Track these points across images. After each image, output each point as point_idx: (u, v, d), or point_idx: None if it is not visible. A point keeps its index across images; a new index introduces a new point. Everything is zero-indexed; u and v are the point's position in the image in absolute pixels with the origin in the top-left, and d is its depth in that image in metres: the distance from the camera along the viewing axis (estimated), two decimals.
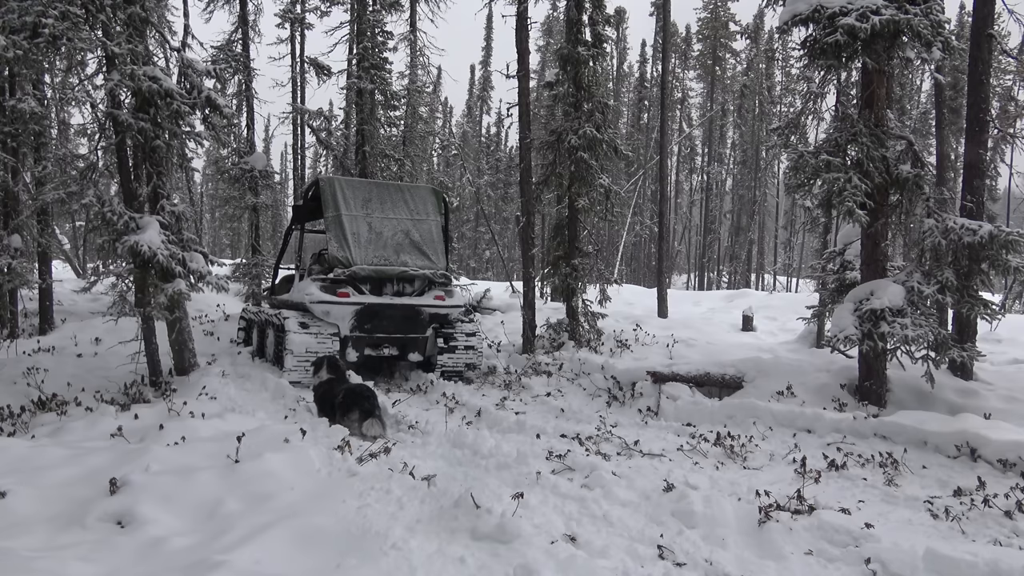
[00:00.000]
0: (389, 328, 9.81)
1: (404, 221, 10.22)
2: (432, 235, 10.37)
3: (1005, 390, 8.33)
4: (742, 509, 4.93)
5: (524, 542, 4.14)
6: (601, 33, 13.04)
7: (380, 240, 9.93)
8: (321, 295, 9.44)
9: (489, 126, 48.02)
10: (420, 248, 10.14)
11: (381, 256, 9.82)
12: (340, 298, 9.45)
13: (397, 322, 9.80)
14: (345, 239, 9.70)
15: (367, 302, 9.56)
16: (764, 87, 41.87)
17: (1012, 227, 8.11)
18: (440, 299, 10.00)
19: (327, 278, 9.62)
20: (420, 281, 10.04)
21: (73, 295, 15.44)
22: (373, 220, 10.00)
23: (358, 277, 9.59)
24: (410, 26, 18.46)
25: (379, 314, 9.66)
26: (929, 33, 7.49)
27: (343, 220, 9.77)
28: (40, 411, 8.24)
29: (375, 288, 9.78)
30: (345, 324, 9.57)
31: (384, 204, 10.18)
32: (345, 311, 9.51)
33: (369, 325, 9.67)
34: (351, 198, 9.97)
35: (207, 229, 47.81)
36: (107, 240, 8.79)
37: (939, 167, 11.17)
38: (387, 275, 9.80)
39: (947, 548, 4.15)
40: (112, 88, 8.86)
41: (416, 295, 9.98)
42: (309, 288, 9.58)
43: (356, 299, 9.53)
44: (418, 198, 10.55)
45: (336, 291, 9.48)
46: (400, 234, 10.10)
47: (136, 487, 4.72)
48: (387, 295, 9.79)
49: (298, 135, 21.25)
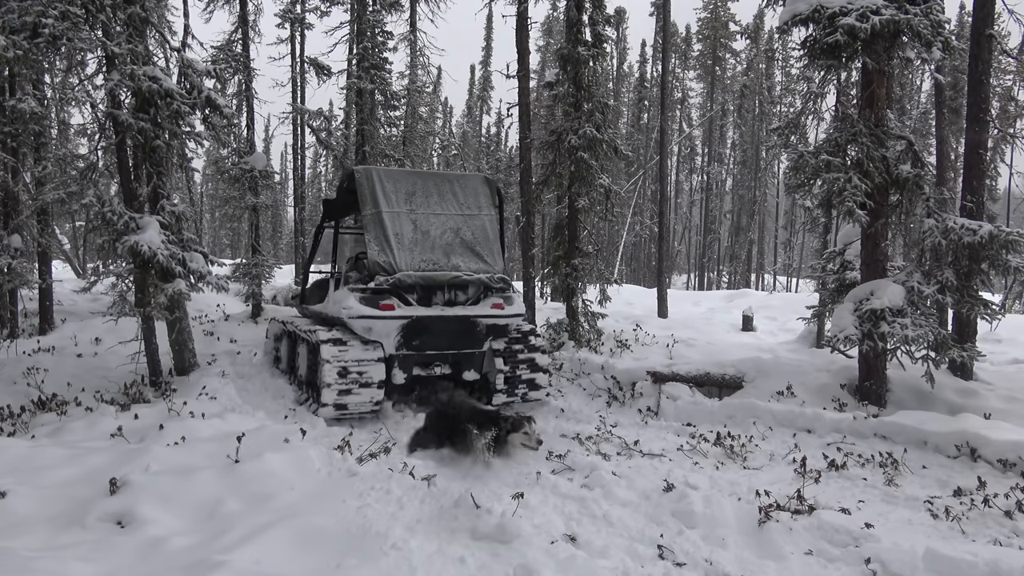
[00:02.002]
0: (441, 344, 8.35)
1: (454, 217, 8.75)
2: (486, 232, 8.89)
3: (1005, 390, 8.33)
4: (742, 509, 4.93)
5: (524, 542, 4.14)
6: (601, 33, 13.04)
7: (427, 240, 8.50)
8: (361, 308, 7.97)
9: (489, 126, 48.03)
10: (473, 248, 8.71)
11: (429, 260, 8.40)
12: (384, 311, 7.99)
13: (450, 337, 8.36)
14: (387, 241, 8.27)
15: (415, 315, 8.08)
16: (764, 87, 41.86)
17: (1012, 227, 8.11)
18: (499, 307, 8.52)
19: (367, 288, 8.13)
20: (474, 287, 8.54)
21: (73, 295, 15.44)
22: (418, 217, 8.55)
23: (403, 285, 8.13)
24: (410, 26, 18.46)
25: (429, 328, 8.20)
26: (929, 33, 7.49)
27: (384, 218, 8.33)
28: (40, 411, 8.24)
29: (423, 297, 8.32)
30: (390, 341, 8.10)
31: (430, 198, 8.72)
32: (390, 326, 8.05)
33: (418, 341, 8.20)
34: (392, 192, 8.52)
35: (207, 229, 47.84)
36: (107, 240, 8.79)
37: (939, 167, 11.17)
38: (437, 282, 8.32)
39: (947, 548, 4.16)
40: (112, 88, 8.86)
41: (471, 304, 8.51)
42: (347, 300, 8.10)
43: (402, 312, 8.05)
44: (469, 189, 9.03)
45: (378, 303, 8.00)
46: (450, 233, 8.66)
47: (136, 487, 4.73)
48: (437, 305, 8.34)
49: (298, 135, 21.24)
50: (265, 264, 15.23)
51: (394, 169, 9.05)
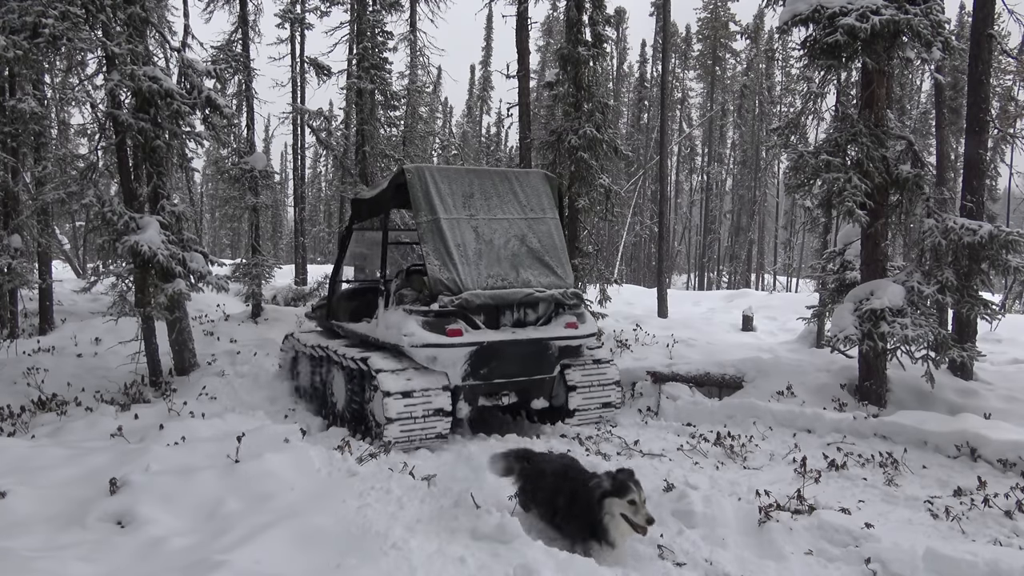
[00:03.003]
0: (511, 370, 7.30)
1: (517, 222, 7.64)
2: (553, 239, 7.81)
3: (1005, 390, 8.33)
4: (742, 509, 4.93)
5: (524, 542, 4.14)
6: (601, 33, 13.04)
7: (491, 251, 7.36)
8: (425, 336, 6.81)
9: (489, 126, 48.04)
10: (541, 259, 7.59)
11: (497, 275, 7.27)
12: (451, 338, 6.88)
13: (520, 362, 7.31)
14: (448, 254, 7.10)
15: (485, 341, 6.99)
16: (764, 87, 41.86)
17: (1012, 227, 8.11)
18: (573, 327, 7.47)
19: (429, 310, 6.99)
20: (545, 305, 7.51)
21: (73, 295, 15.44)
22: (479, 223, 7.42)
23: (471, 307, 7.02)
24: (410, 26, 18.46)
25: (499, 354, 7.12)
26: (929, 33, 7.49)
27: (443, 227, 7.17)
28: (40, 411, 8.25)
29: (490, 318, 7.25)
30: (456, 371, 7.02)
31: (490, 200, 7.58)
32: (457, 355, 6.94)
33: (486, 369, 7.14)
34: (448, 195, 7.37)
35: (207, 229, 47.85)
36: (107, 240, 8.80)
37: (939, 167, 11.17)
38: (508, 301, 7.24)
39: (947, 548, 4.16)
40: (112, 88, 8.87)
41: (542, 323, 7.51)
42: (406, 325, 6.90)
43: (471, 338, 6.96)
44: (529, 188, 7.91)
45: (445, 328, 6.88)
46: (515, 241, 7.53)
47: (136, 487, 4.73)
48: (506, 327, 7.30)
49: (298, 135, 21.25)
50: (265, 264, 15.22)
51: (448, 167, 7.89)
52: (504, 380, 7.32)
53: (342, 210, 22.04)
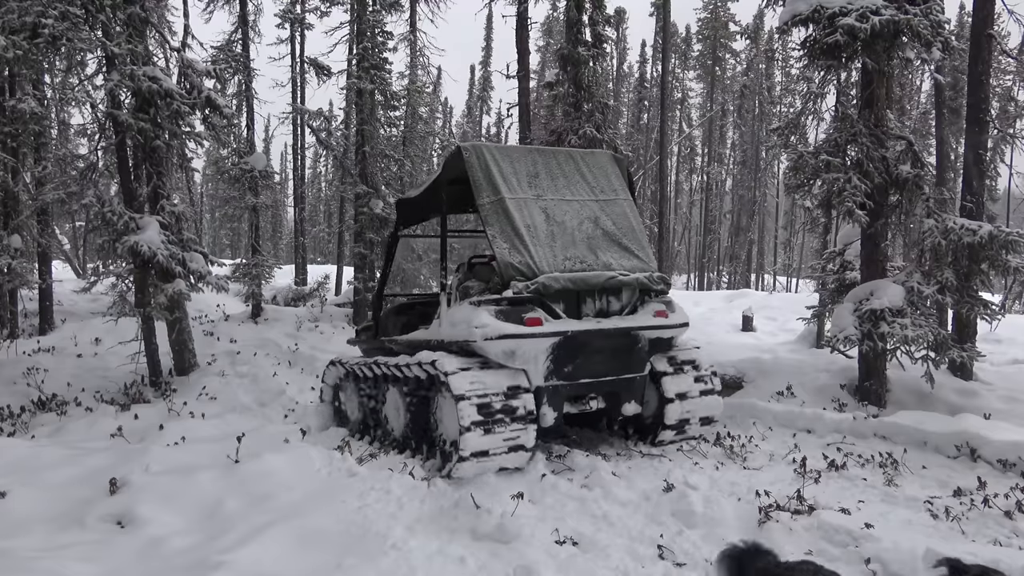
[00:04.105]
0: (598, 368, 6.24)
1: (588, 204, 6.87)
2: (629, 221, 6.96)
3: (1005, 390, 8.33)
4: (742, 509, 4.94)
5: (524, 542, 4.14)
6: (601, 33, 13.05)
7: (565, 233, 6.53)
8: (500, 326, 5.79)
9: (489, 126, 48.05)
10: (619, 241, 6.76)
11: (574, 256, 6.42)
12: (530, 327, 5.87)
13: (609, 358, 6.28)
14: (518, 235, 6.25)
15: (569, 330, 6.00)
16: (764, 87, 41.87)
17: (1012, 227, 8.12)
18: (662, 316, 6.52)
19: (502, 298, 6.01)
20: (629, 291, 6.56)
21: (73, 295, 15.44)
22: (548, 204, 6.63)
23: (549, 292, 6.09)
24: (410, 26, 18.46)
25: (585, 348, 6.12)
26: (929, 33, 7.49)
27: (508, 207, 6.35)
28: (40, 411, 8.25)
29: (569, 306, 6.29)
30: (538, 368, 5.96)
31: (557, 180, 6.84)
32: (538, 348, 5.92)
33: (571, 367, 6.10)
34: (511, 174, 6.60)
35: (207, 229, 47.84)
36: (107, 240, 8.81)
37: (939, 167, 11.17)
38: (590, 285, 6.30)
39: (947, 548, 4.15)
40: (112, 88, 8.87)
41: (627, 312, 6.53)
42: (476, 316, 5.92)
43: (553, 327, 5.97)
44: (597, 168, 7.17)
45: (522, 317, 5.90)
46: (588, 223, 6.73)
47: (136, 487, 4.73)
48: (588, 316, 6.31)
49: (298, 135, 21.25)
50: (265, 264, 15.23)
51: (509, 146, 7.10)
52: (591, 380, 6.27)
53: (342, 210, 22.03)
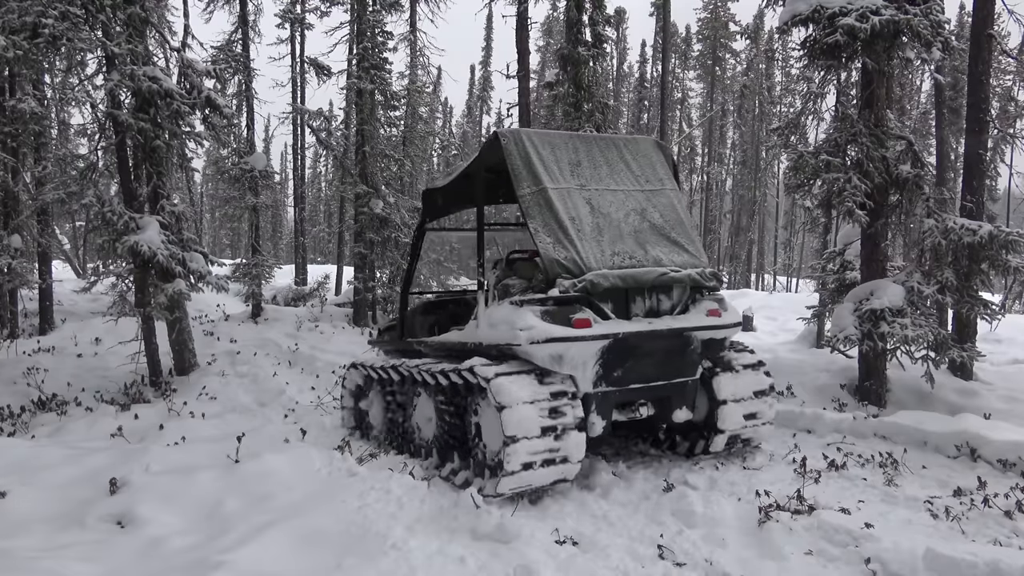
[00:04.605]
0: (649, 372, 5.79)
1: (634, 195, 6.34)
2: (677, 213, 6.46)
3: (1005, 390, 8.33)
4: (742, 509, 4.94)
5: (524, 542, 4.14)
6: (601, 33, 13.06)
7: (611, 226, 6.01)
8: (546, 327, 5.31)
9: (489, 126, 48.05)
10: (667, 235, 6.25)
11: (623, 251, 5.90)
12: (579, 329, 5.38)
13: (660, 361, 5.83)
14: (562, 228, 5.74)
15: (620, 332, 5.50)
16: (764, 87, 41.88)
17: (1012, 227, 8.12)
18: (715, 315, 6.05)
19: (547, 298, 5.54)
20: (680, 288, 6.10)
21: (73, 295, 15.45)
22: (592, 195, 6.11)
23: (597, 291, 5.59)
24: (410, 26, 18.47)
25: (636, 350, 5.65)
26: (929, 33, 7.49)
27: (551, 197, 5.82)
28: (40, 411, 8.26)
29: (618, 306, 5.79)
30: (586, 374, 5.48)
31: (599, 169, 6.33)
32: (587, 352, 5.43)
33: (621, 371, 5.63)
34: (552, 162, 6.07)
35: (207, 229, 47.84)
36: (107, 240, 8.81)
37: (939, 167, 11.18)
38: (641, 282, 5.81)
39: (947, 548, 4.15)
40: (112, 88, 8.87)
41: (679, 312, 6.06)
42: (519, 317, 5.42)
43: (603, 329, 5.47)
44: (641, 156, 6.64)
45: (570, 318, 5.41)
46: (634, 215, 6.22)
47: (136, 487, 4.73)
48: (638, 316, 5.84)
49: (298, 135, 21.26)
50: (265, 264, 15.24)
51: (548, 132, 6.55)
52: (642, 385, 5.80)
53: (342, 210, 22.03)
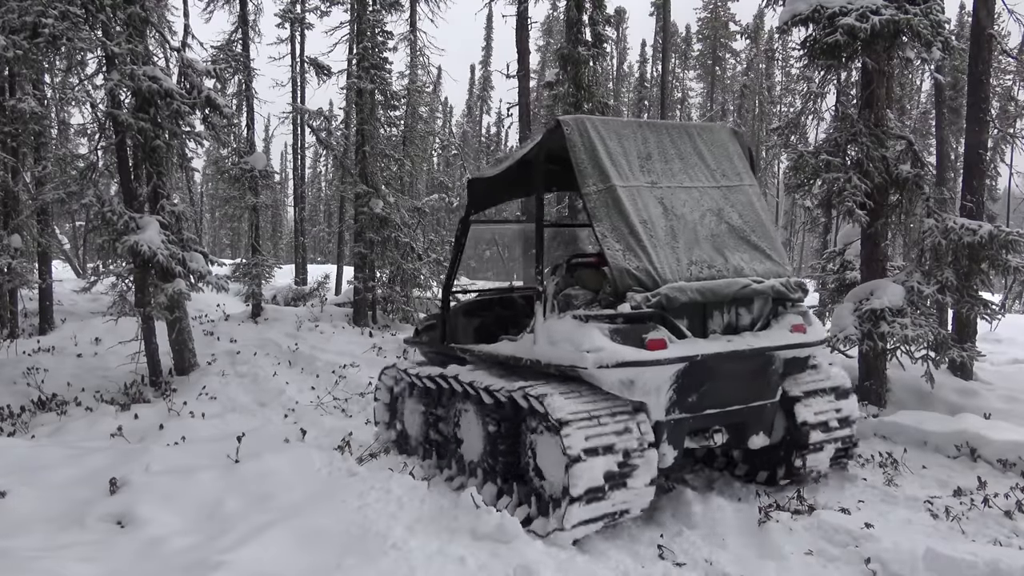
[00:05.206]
0: (726, 396, 5.14)
1: (709, 192, 5.61)
2: (757, 212, 5.72)
3: (1005, 390, 8.33)
4: (742, 509, 4.94)
5: (524, 542, 4.14)
6: (601, 33, 13.07)
7: (686, 230, 5.31)
8: (617, 349, 4.69)
9: (489, 126, 48.07)
10: (747, 238, 5.55)
11: (701, 260, 5.22)
12: (653, 352, 4.75)
13: (739, 384, 5.18)
14: (634, 234, 5.04)
15: (699, 354, 4.85)
16: (764, 87, 41.88)
17: (1012, 227, 8.12)
18: (800, 331, 5.37)
19: (616, 314, 4.88)
20: (761, 301, 5.41)
21: (73, 295, 15.45)
22: (664, 193, 5.39)
23: (673, 306, 4.94)
24: (410, 26, 18.47)
25: (713, 373, 4.99)
26: (929, 33, 7.49)
27: (620, 197, 5.13)
28: (40, 411, 8.26)
29: (694, 322, 5.13)
30: (659, 400, 4.85)
31: (671, 163, 5.55)
32: (662, 376, 4.80)
33: (696, 396, 4.98)
34: (620, 155, 5.34)
35: (207, 229, 47.84)
36: (107, 240, 8.81)
37: (939, 167, 11.18)
38: (722, 296, 5.14)
39: (947, 548, 4.15)
40: (112, 88, 8.87)
41: (760, 327, 5.38)
42: (585, 335, 4.79)
43: (680, 350, 4.82)
44: (716, 147, 5.89)
45: (643, 338, 4.78)
46: (711, 216, 5.50)
47: (136, 487, 4.73)
48: (715, 333, 5.17)
49: (298, 135, 21.27)
50: (265, 264, 15.24)
51: (615, 120, 5.78)
52: (718, 410, 5.15)
53: (342, 210, 22.03)
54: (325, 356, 11.01)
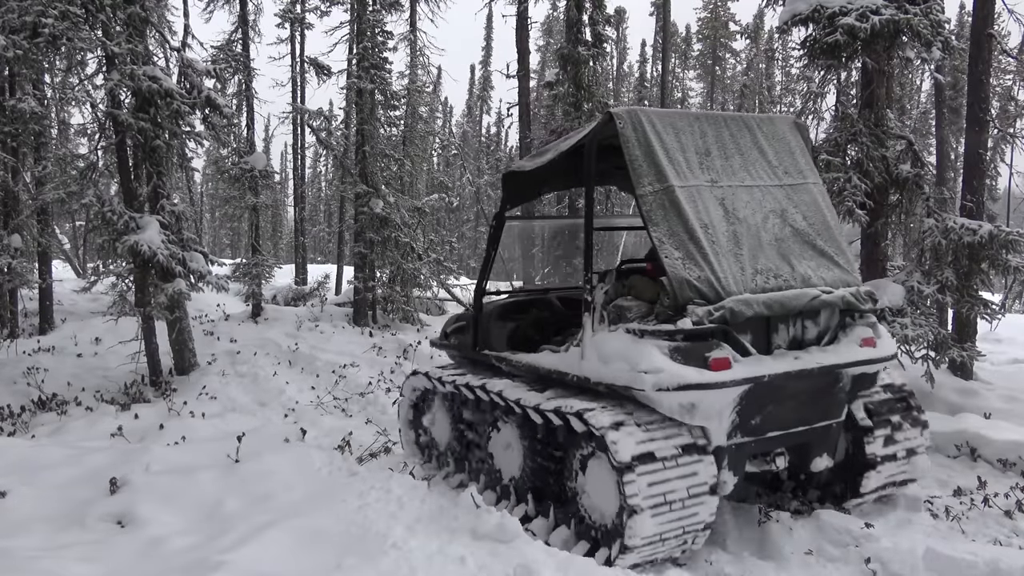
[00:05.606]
0: (790, 417, 4.72)
1: (772, 191, 5.10)
2: (823, 214, 5.22)
3: (1005, 390, 8.32)
4: (741, 509, 4.94)
5: (524, 541, 4.14)
6: (601, 33, 13.08)
7: (750, 234, 4.84)
8: (678, 370, 4.28)
9: (489, 126, 48.07)
10: (813, 243, 5.06)
11: (767, 269, 4.75)
12: (717, 373, 4.33)
13: (803, 404, 4.75)
14: (694, 239, 4.60)
15: (766, 375, 4.43)
16: (764, 87, 41.89)
17: (1012, 227, 8.12)
18: (870, 344, 4.90)
19: (676, 330, 4.43)
20: (829, 313, 4.96)
21: (73, 295, 15.44)
22: (726, 194, 4.92)
23: (737, 321, 4.48)
24: (410, 26, 18.46)
25: (778, 393, 4.57)
26: (929, 33, 7.50)
27: (679, 199, 4.66)
28: (40, 411, 8.26)
29: (758, 336, 4.69)
30: (721, 424, 4.43)
31: (731, 159, 5.06)
32: (725, 399, 4.37)
33: (759, 418, 4.57)
34: (678, 151, 4.86)
35: (207, 229, 47.84)
36: (107, 240, 8.82)
37: (939, 167, 11.19)
38: (790, 309, 4.69)
39: (947, 548, 4.16)
40: (112, 88, 8.87)
41: (828, 341, 4.92)
42: (641, 353, 4.40)
43: (745, 370, 4.41)
44: (777, 141, 5.33)
45: (706, 358, 4.35)
46: (774, 218, 5.01)
47: (136, 487, 4.73)
48: (780, 348, 4.73)
49: (298, 135, 21.26)
50: (265, 264, 15.23)
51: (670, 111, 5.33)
52: (781, 432, 4.72)
53: (342, 210, 22.03)
54: (325, 356, 11.01)
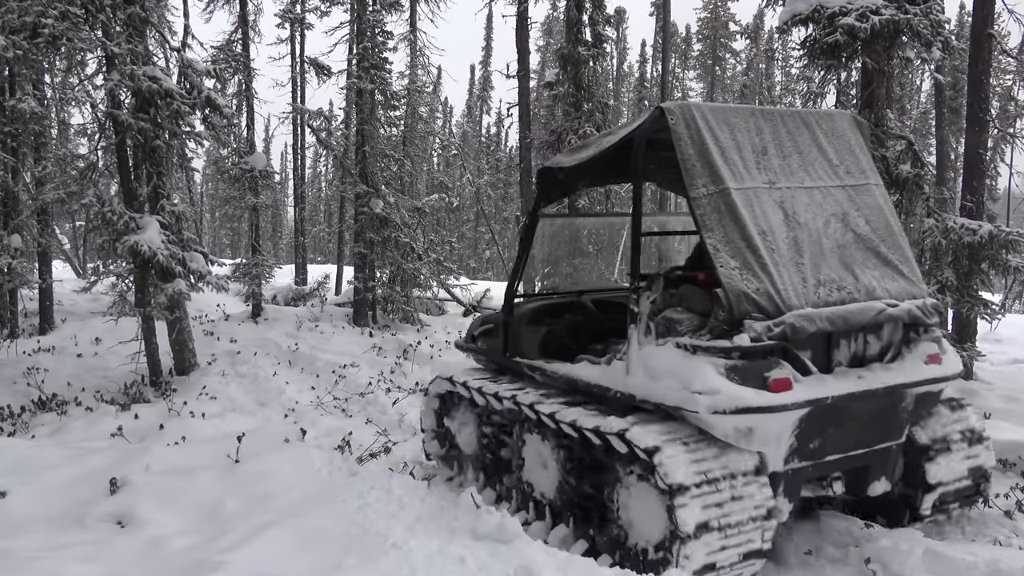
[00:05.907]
0: (849, 440, 4.37)
1: (833, 192, 4.70)
2: (886, 218, 4.81)
3: (1005, 390, 8.33)
4: None
5: (525, 541, 4.14)
6: (601, 33, 13.08)
7: (811, 241, 4.43)
8: (735, 391, 3.94)
9: (489, 126, 48.10)
10: (876, 249, 4.66)
11: (829, 280, 4.36)
12: (777, 395, 3.98)
13: (863, 426, 4.40)
14: (752, 247, 4.20)
15: (828, 396, 4.07)
16: (764, 87, 41.88)
17: (1012, 227, 8.13)
18: (935, 361, 4.53)
19: (733, 347, 4.04)
20: (892, 327, 4.56)
21: (73, 295, 15.44)
22: (784, 196, 4.50)
23: (798, 337, 4.12)
24: (410, 26, 18.47)
25: (839, 415, 4.21)
26: (929, 33, 7.50)
27: (735, 203, 4.27)
28: (40, 411, 8.26)
29: (818, 353, 4.32)
30: (780, 448, 4.11)
31: (789, 158, 4.65)
32: (784, 423, 4.04)
33: (818, 441, 4.23)
34: (733, 150, 4.45)
35: (207, 229, 47.85)
36: (107, 240, 8.82)
37: (939, 167, 11.20)
38: (854, 324, 4.32)
39: (947, 548, 4.16)
40: (112, 88, 8.87)
41: (891, 358, 4.52)
42: (695, 372, 4.06)
43: (807, 392, 4.05)
44: (837, 139, 4.91)
45: (765, 378, 3.99)
46: (835, 223, 4.60)
47: (136, 487, 4.73)
48: (839, 366, 4.36)
49: (298, 135, 21.27)
50: (265, 264, 15.23)
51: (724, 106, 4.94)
52: (839, 456, 4.37)
53: (342, 210, 22.03)
54: (325, 356, 11.01)
